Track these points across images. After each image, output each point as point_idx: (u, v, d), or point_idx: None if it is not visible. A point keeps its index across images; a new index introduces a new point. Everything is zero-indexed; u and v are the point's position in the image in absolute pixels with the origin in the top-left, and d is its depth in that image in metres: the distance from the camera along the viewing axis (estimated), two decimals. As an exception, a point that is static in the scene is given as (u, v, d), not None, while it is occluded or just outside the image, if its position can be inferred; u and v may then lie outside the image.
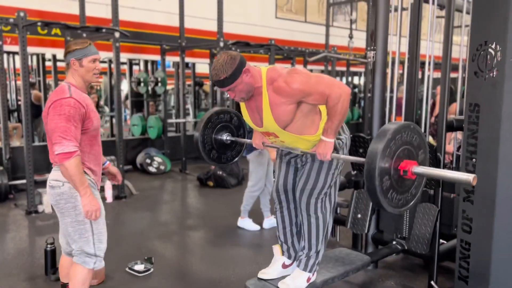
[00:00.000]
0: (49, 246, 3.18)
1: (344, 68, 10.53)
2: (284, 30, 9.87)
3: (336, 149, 2.22)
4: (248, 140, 2.49)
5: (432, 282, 2.90)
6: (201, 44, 7.42)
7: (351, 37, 7.54)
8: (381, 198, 1.76)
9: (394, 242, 3.15)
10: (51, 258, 3.18)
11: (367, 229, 3.17)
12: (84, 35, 5.26)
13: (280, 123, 2.11)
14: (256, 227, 4.26)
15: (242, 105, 2.26)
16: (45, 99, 7.50)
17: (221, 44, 6.03)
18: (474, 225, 2.47)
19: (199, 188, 6.07)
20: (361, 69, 11.36)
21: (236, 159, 2.63)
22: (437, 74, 3.74)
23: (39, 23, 4.53)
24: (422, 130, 3.29)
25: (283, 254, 2.47)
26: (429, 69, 3.31)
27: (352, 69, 10.94)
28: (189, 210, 5.26)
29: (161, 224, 4.56)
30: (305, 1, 10.74)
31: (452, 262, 3.35)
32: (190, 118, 8.28)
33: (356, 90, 11.37)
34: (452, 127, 2.93)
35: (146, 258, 3.44)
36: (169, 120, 7.98)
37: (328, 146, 2.10)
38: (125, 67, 7.99)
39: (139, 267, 3.30)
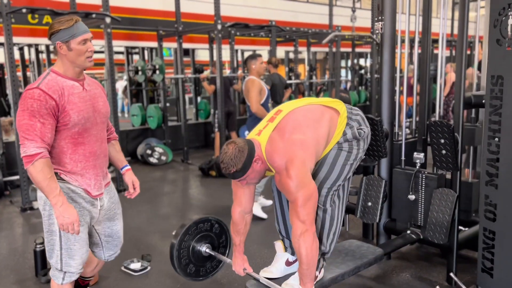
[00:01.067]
0: (38, 246, 2.98)
1: (349, 49, 10.19)
2: (285, 11, 9.52)
3: (357, 139, 2.06)
4: (228, 260, 2.27)
5: (452, 274, 2.65)
6: (198, 28, 7.14)
7: (354, 10, 7.13)
8: None
9: (408, 232, 2.90)
10: (41, 258, 2.98)
11: (379, 218, 2.92)
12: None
13: None
14: (263, 215, 4.09)
15: None
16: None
17: (219, 27, 5.74)
18: (498, 211, 2.21)
19: (201, 178, 5.86)
20: (367, 50, 11.00)
21: (217, 270, 2.39)
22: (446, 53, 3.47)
23: (23, 9, 4.28)
24: (437, 110, 3.04)
25: (286, 250, 2.24)
26: (437, 48, 3.04)
27: (358, 49, 10.59)
28: (191, 202, 5.05)
29: (160, 218, 4.35)
30: (306, -20, 10.37)
31: (470, 250, 3.11)
32: (190, 75, 7.94)
33: (363, 71, 11.03)
34: (470, 104, 2.65)
35: (143, 255, 3.24)
36: (168, 76, 7.63)
37: None
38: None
39: (135, 265, 3.09)
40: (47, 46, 6.82)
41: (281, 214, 2.21)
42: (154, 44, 7.45)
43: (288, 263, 2.22)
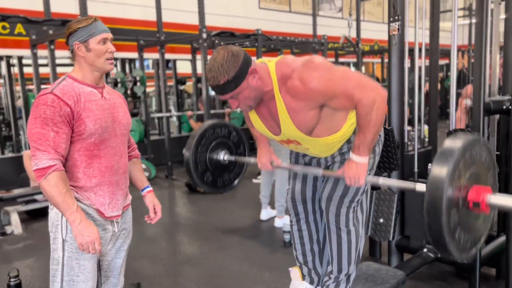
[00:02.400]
0: (12, 280, 2.62)
1: (332, 59, 10.10)
2: (268, 21, 9.39)
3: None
4: (252, 159, 2.04)
5: (476, 296, 2.44)
6: (181, 37, 6.88)
7: (350, 14, 7.08)
8: (448, 239, 1.32)
9: (425, 250, 2.68)
10: (16, 294, 2.62)
11: (392, 236, 2.70)
12: (51, 31, 4.69)
13: (303, 129, 1.65)
14: (273, 213, 4.22)
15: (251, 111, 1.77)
16: (13, 108, 6.88)
17: (204, 35, 5.50)
18: (533, 228, 2.02)
19: (188, 195, 5.54)
20: (352, 59, 10.96)
21: (235, 182, 2.20)
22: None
23: (-7, 17, 3.95)
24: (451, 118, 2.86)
25: (303, 278, 1.98)
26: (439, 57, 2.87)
27: (341, 59, 10.52)
28: (180, 221, 4.73)
29: (148, 241, 4.01)
30: (288, -10, 10.29)
31: (487, 267, 2.92)
32: (174, 113, 7.70)
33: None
34: (489, 110, 2.47)
35: (131, 285, 2.91)
36: (152, 115, 7.40)
37: (360, 167, 1.67)
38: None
39: (124, 297, 2.76)
40: (20, 58, 6.43)
41: (298, 238, 1.96)
42: (134, 55, 7.15)
43: (306, 294, 1.96)
